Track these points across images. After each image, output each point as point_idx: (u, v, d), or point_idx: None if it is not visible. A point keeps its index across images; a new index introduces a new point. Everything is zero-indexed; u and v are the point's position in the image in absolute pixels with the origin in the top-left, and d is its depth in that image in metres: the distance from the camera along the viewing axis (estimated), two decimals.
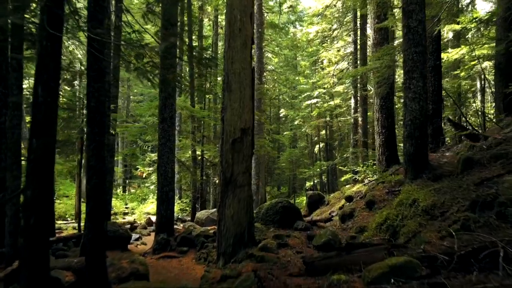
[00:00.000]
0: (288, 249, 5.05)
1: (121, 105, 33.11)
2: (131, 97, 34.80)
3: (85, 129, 6.65)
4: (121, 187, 32.88)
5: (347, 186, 10.87)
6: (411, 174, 5.99)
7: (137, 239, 12.01)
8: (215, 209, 12.23)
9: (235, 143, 4.35)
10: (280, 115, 33.01)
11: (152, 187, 25.51)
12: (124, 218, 18.15)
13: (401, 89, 18.17)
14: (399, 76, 14.25)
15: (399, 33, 16.77)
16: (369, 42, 17.47)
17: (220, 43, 23.56)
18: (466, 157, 5.35)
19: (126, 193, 30.50)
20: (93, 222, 4.70)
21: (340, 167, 19.57)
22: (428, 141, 6.47)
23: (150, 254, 8.15)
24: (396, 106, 14.80)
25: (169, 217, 8.43)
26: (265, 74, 22.60)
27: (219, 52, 22.33)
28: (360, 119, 16.50)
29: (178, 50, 7.32)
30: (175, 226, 15.96)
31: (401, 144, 16.18)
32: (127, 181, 33.39)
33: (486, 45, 11.66)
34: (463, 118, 11.01)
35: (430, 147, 7.83)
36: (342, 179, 14.90)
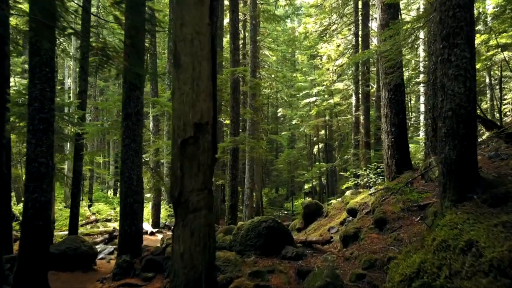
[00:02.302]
0: None
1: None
2: None
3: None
4: (112, 189, 31.53)
5: (347, 193, 9.40)
6: (453, 193, 3.95)
7: (111, 252, 10.56)
8: None
9: (185, 146, 2.89)
10: (278, 115, 31.73)
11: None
12: (106, 226, 16.72)
13: (406, 84, 16.84)
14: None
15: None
16: (373, 33, 16.09)
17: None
18: None
19: (117, 196, 29.10)
20: None
21: (341, 173, 18.24)
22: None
23: (109, 280, 6.69)
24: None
25: (134, 234, 6.93)
26: (260, 70, 21.24)
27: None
28: (362, 117, 15.18)
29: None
30: (160, 235, 14.59)
31: (413, 145, 14.93)
32: (118, 183, 31.97)
33: (504, 34, 10.37)
34: (482, 114, 9.57)
35: None
36: (343, 186, 13.46)
